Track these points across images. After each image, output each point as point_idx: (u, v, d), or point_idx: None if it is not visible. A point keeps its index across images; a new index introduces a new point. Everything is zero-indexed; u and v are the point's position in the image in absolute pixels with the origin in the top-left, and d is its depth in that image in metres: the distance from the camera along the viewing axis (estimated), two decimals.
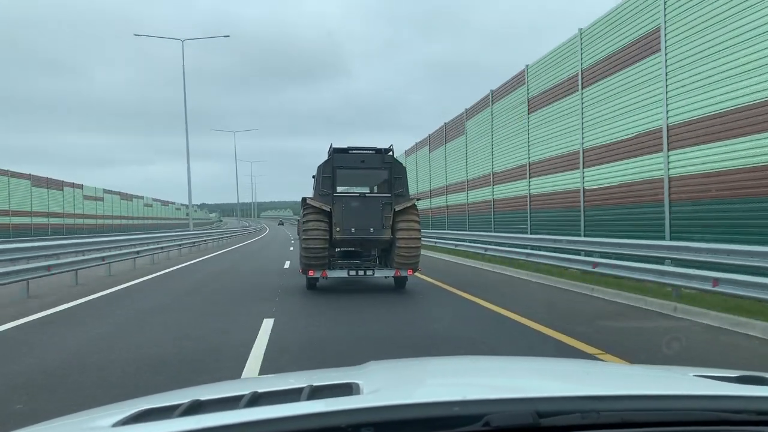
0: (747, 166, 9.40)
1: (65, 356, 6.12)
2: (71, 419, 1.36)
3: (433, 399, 1.15)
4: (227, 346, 6.50)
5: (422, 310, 9.41)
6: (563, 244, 13.34)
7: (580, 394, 1.16)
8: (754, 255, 7.84)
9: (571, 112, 14.96)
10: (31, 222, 43.02)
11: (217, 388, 1.48)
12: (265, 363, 5.63)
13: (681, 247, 9.52)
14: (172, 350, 6.32)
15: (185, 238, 26.95)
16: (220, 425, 1.01)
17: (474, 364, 2.04)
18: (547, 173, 16.59)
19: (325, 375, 1.54)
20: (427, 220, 29.88)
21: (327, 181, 11.08)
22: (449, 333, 7.55)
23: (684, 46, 10.74)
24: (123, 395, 3.18)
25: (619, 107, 12.85)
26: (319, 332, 7.42)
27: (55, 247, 13.93)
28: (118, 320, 8.41)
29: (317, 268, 10.96)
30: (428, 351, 6.15)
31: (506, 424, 1.02)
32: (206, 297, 10.93)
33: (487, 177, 21.50)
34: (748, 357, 6.05)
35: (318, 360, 5.87)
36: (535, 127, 17.29)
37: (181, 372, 5.41)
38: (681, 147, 10.92)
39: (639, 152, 12.17)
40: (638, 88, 12.13)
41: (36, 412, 4.18)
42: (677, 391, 1.26)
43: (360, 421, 1.01)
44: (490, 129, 21.13)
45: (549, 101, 16.35)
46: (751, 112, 9.25)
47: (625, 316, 8.49)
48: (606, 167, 13.47)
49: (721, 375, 1.41)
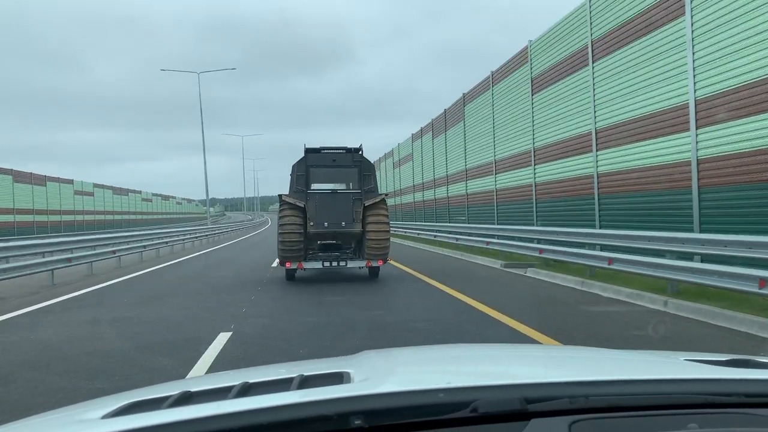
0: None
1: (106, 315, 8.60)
2: (60, 413, 1.36)
3: (421, 387, 1.17)
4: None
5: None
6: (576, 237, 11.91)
7: (568, 380, 1.18)
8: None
9: (581, 89, 13.45)
10: (30, 219, 41.60)
11: (207, 379, 1.58)
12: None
13: (713, 241, 8.09)
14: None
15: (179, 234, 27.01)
16: (210, 415, 1.01)
17: (464, 351, 2.00)
18: (554, 159, 15.12)
19: (317, 365, 1.54)
20: (431, 211, 28.61)
21: (301, 179, 11.96)
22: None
23: (712, 5, 9.24)
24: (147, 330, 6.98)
25: (636, 81, 11.35)
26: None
27: (72, 243, 16.17)
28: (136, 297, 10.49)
29: (293, 260, 11.73)
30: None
31: (494, 410, 1.02)
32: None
33: (489, 165, 20.03)
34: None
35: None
36: (540, 108, 15.80)
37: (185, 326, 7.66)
38: (712, 123, 9.43)
39: (661, 132, 10.68)
40: (659, 59, 10.62)
41: (122, 334, 6.95)
42: (667, 375, 1.27)
43: (349, 409, 1.01)
44: (492, 113, 19.63)
45: (555, 79, 14.83)
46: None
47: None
48: (622, 149, 11.99)
49: (711, 359, 1.40)
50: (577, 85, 13.65)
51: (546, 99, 15.43)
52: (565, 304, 8.87)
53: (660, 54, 10.60)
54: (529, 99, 16.37)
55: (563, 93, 14.42)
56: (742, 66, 8.76)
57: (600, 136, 12.79)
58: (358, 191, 12.00)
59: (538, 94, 15.92)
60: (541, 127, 15.83)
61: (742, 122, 8.82)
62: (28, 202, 42.45)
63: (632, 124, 11.55)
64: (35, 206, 43.51)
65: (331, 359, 1.62)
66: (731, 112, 9.01)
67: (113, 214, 62.38)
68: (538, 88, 15.90)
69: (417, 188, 31.72)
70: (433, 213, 28.52)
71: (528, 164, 16.70)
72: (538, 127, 16.02)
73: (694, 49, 9.73)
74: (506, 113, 18.38)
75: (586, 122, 13.33)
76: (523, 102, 16.88)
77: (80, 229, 47.72)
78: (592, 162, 13.09)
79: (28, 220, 42.05)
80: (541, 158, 15.88)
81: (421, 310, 8.59)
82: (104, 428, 1.03)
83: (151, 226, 57.41)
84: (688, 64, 9.84)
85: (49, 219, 45.54)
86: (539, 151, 15.99)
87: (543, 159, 15.80)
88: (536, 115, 16.06)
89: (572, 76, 13.89)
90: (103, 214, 59.17)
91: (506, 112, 18.37)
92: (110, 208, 62.04)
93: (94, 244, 17.08)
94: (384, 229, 11.86)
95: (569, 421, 1.01)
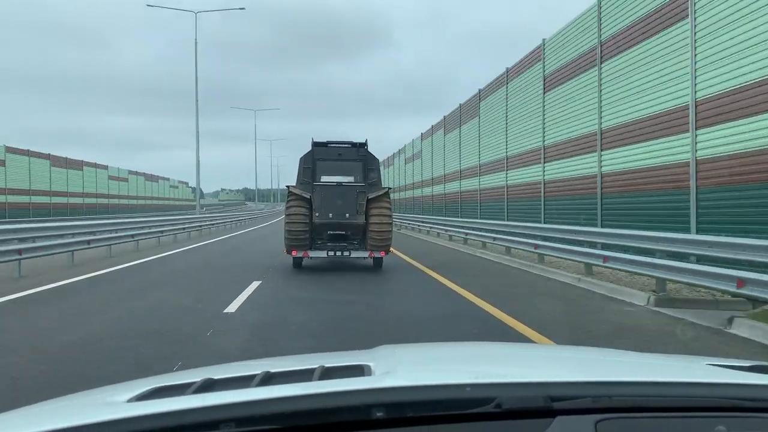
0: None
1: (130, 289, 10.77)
2: (86, 395, 1.38)
3: (445, 381, 1.16)
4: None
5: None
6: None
7: (592, 380, 1.19)
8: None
9: (588, 89, 13.58)
10: (64, 201, 43.09)
11: (230, 368, 1.52)
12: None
13: (699, 241, 8.22)
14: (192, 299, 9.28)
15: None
16: (234, 402, 1.02)
17: (485, 349, 2.02)
18: (563, 157, 15.26)
19: (337, 357, 1.54)
20: (441, 206, 28.69)
21: (308, 172, 12.49)
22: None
23: (715, 8, 9.35)
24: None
25: (640, 83, 11.48)
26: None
27: (91, 226, 16.51)
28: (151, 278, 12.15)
29: (299, 249, 12.21)
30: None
31: (517, 406, 1.02)
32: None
33: (502, 161, 20.06)
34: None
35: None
36: (551, 106, 15.93)
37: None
38: (711, 125, 9.55)
39: (661, 133, 10.82)
40: (661, 61, 10.74)
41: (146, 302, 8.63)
42: (691, 379, 1.27)
43: (371, 401, 1.02)
44: (505, 111, 19.66)
45: (565, 79, 14.97)
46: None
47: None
48: (625, 150, 12.13)
49: (734, 364, 1.42)
50: (585, 85, 13.78)
51: (556, 98, 15.54)
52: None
53: (663, 56, 10.72)
54: (541, 97, 16.51)
55: (571, 92, 14.55)
56: (738, 69, 8.86)
57: (605, 136, 12.94)
58: (362, 184, 12.47)
59: (549, 93, 16.04)
60: (552, 125, 15.97)
61: (735, 124, 8.93)
62: (62, 185, 44.10)
63: (637, 124, 11.69)
64: (69, 189, 45.17)
65: (351, 352, 1.67)
66: (727, 114, 9.13)
67: (145, 198, 64.58)
68: (550, 87, 16.03)
69: (436, 181, 31.40)
70: (442, 208, 28.53)
71: (538, 162, 16.85)
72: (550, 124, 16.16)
73: (696, 51, 9.85)
74: (518, 111, 18.48)
75: (592, 122, 13.47)
76: (536, 100, 17.01)
77: (114, 212, 49.36)
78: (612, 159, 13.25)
79: (62, 202, 43.70)
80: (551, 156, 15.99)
81: None
82: (130, 411, 1.05)
83: (180, 211, 59.05)
84: (690, 65, 9.96)
85: (84, 202, 47.26)
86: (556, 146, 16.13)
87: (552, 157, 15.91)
88: (547, 113, 16.19)
89: (581, 75, 14.01)
90: (135, 199, 61.23)
91: (518, 110, 18.47)
92: (142, 194, 64.13)
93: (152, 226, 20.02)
94: (386, 221, 12.26)
95: (595, 420, 1.01)
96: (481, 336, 6.25)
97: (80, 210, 45.47)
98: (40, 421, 1.10)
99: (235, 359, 4.79)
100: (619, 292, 9.22)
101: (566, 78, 14.93)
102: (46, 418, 1.16)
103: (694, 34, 9.85)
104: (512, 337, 6.28)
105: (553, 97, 15.79)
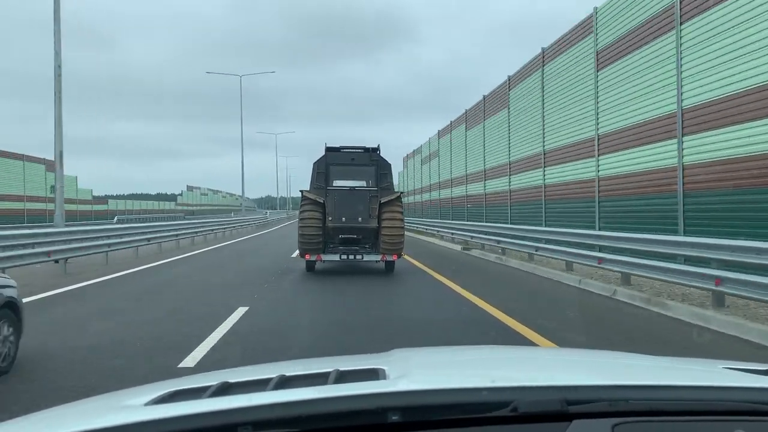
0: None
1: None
2: (103, 399, 1.39)
3: (461, 385, 1.18)
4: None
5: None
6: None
7: (608, 383, 1.18)
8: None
9: (587, 96, 14.00)
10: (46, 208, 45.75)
11: (245, 372, 1.52)
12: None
13: (691, 243, 8.66)
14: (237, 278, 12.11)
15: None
16: (252, 405, 1.04)
17: (501, 353, 2.02)
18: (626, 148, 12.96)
19: (351, 361, 1.56)
20: (461, 210, 27.52)
21: (321, 176, 12.64)
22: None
23: (701, 20, 9.76)
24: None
25: (632, 91, 11.92)
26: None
27: (147, 227, 20.36)
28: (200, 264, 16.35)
29: (313, 252, 12.39)
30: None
31: (534, 410, 1.01)
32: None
33: (539, 156, 17.35)
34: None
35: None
36: (550, 111, 16.27)
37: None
38: (698, 132, 9.97)
39: (651, 139, 11.26)
40: (650, 70, 11.19)
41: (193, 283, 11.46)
42: (708, 382, 1.26)
43: (388, 405, 1.02)
44: (541, 98, 17.12)
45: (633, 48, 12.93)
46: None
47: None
48: (620, 155, 12.55)
49: (750, 368, 1.39)
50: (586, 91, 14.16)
51: (556, 101, 15.78)
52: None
53: (652, 66, 11.16)
54: (594, 75, 16.40)
55: (572, 97, 14.93)
56: (724, 78, 9.24)
57: (602, 141, 13.36)
58: (375, 189, 12.55)
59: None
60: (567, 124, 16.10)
61: (721, 132, 9.32)
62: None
63: (631, 130, 12.12)
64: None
65: (366, 356, 1.67)
66: (713, 122, 9.52)
67: (191, 206, 74.54)
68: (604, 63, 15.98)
69: (455, 182, 29.29)
70: (464, 211, 26.52)
71: (590, 155, 16.96)
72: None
73: (682, 61, 10.26)
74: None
75: (589, 128, 13.93)
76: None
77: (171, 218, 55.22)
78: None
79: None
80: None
81: None
82: (148, 415, 1.06)
83: (221, 215, 72.38)
84: (676, 75, 10.38)
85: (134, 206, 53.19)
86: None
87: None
88: (547, 114, 16.43)
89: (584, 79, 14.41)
90: (183, 205, 71.01)
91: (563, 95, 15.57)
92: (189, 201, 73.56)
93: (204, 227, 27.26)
94: (398, 225, 12.27)
95: (612, 423, 1.00)
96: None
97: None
98: (60, 424, 1.13)
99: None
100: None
101: (635, 47, 11.92)
102: (65, 421, 1.18)
103: (680, 45, 10.27)
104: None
105: (610, 75, 12.99)
